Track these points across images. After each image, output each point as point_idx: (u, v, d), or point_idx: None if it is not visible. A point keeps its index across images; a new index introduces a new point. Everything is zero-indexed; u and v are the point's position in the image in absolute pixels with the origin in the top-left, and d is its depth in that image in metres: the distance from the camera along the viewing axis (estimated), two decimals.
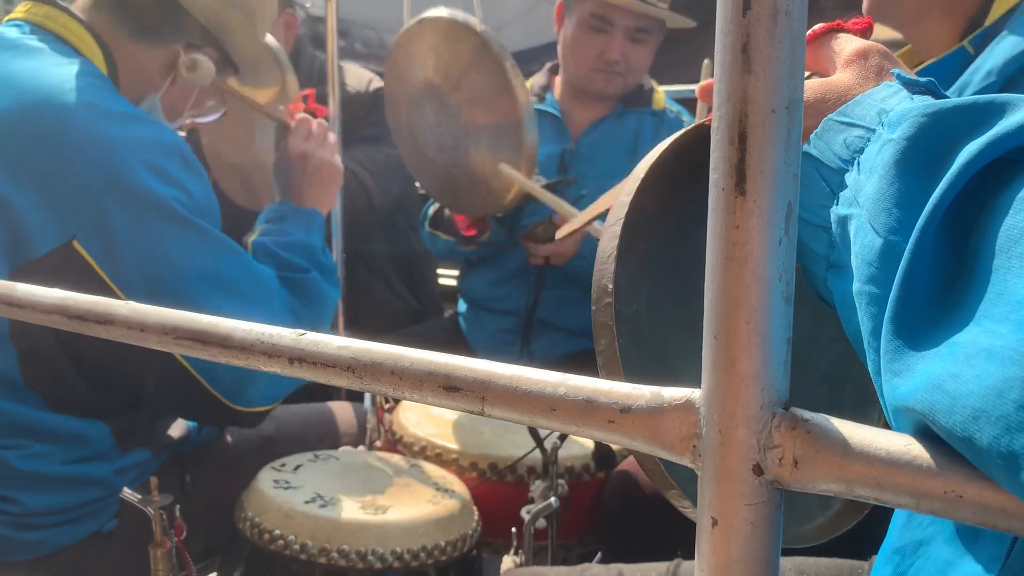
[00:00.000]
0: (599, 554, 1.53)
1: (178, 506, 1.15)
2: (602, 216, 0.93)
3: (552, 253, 1.94)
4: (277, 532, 1.26)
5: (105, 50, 1.33)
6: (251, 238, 1.47)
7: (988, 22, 1.04)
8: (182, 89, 1.46)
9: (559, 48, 2.13)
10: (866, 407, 0.71)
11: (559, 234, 1.09)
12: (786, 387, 0.40)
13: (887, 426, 0.61)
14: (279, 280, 1.40)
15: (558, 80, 2.20)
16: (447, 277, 2.83)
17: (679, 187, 0.63)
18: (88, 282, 1.19)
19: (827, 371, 0.70)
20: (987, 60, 0.99)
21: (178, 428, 1.49)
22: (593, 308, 0.58)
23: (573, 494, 1.41)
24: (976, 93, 0.96)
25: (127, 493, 1.13)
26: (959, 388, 0.37)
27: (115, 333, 0.64)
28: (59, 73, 1.26)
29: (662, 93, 2.19)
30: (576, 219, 0.99)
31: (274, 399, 1.39)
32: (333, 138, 1.59)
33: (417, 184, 2.48)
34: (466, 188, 1.87)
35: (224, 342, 0.57)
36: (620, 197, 0.60)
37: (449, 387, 0.48)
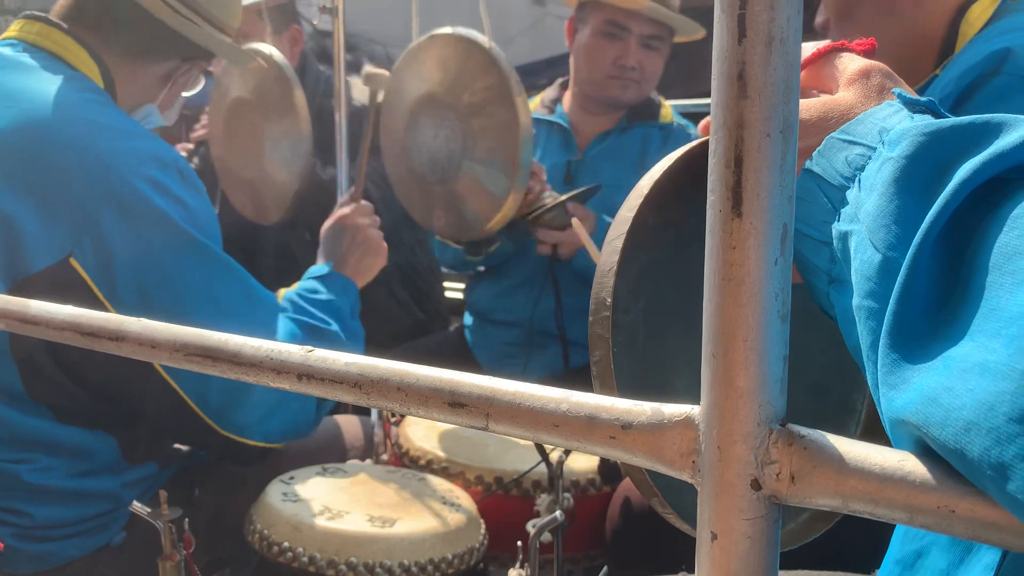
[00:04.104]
0: (604, 568, 1.53)
1: (187, 519, 1.16)
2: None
3: (560, 242, 1.93)
4: (286, 544, 1.26)
5: (100, 64, 1.35)
6: (285, 291, 1.50)
7: (956, 51, 1.08)
8: (178, 90, 1.49)
9: (572, 59, 2.16)
10: (844, 418, 0.72)
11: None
12: (783, 404, 0.41)
13: (863, 437, 0.62)
14: (297, 321, 1.42)
15: (568, 94, 2.23)
16: (453, 290, 2.84)
17: (680, 201, 0.64)
18: (82, 299, 1.19)
19: (811, 383, 0.71)
20: (944, 75, 1.02)
21: None
22: (590, 319, 0.59)
23: (579, 508, 1.41)
24: None
25: (137, 506, 1.14)
26: (952, 401, 0.38)
27: (127, 349, 0.65)
28: (56, 89, 1.28)
29: (669, 107, 2.22)
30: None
31: (268, 436, 1.38)
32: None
33: None
34: (451, 208, 1.87)
35: (234, 358, 0.58)
36: (623, 212, 0.61)
37: (454, 403, 0.49)
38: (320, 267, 1.58)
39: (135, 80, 1.40)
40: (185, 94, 1.55)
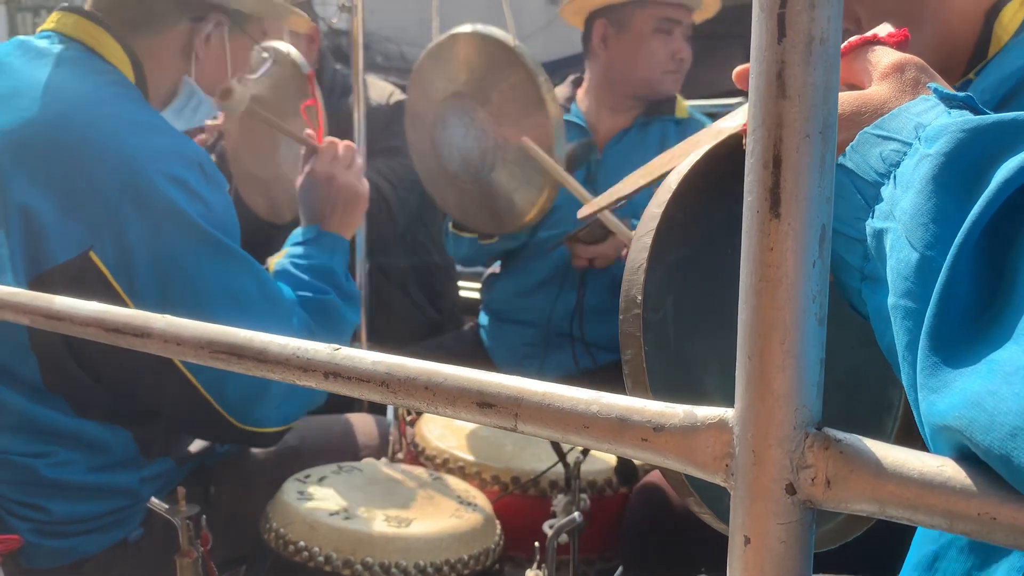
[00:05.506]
0: (620, 569, 1.53)
1: (204, 516, 1.16)
2: (625, 198, 0.92)
3: (596, 255, 1.95)
4: (302, 544, 1.27)
5: (132, 57, 1.35)
6: (275, 260, 1.48)
7: (990, 55, 1.06)
8: (213, 59, 1.44)
9: (604, 64, 2.15)
10: (881, 416, 0.71)
11: (580, 213, 1.07)
12: (819, 407, 0.41)
13: (901, 437, 0.61)
14: (298, 299, 1.41)
15: (581, 91, 2.23)
16: (468, 290, 2.84)
17: (709, 196, 0.64)
18: (101, 293, 1.19)
19: (842, 380, 0.70)
20: (982, 81, 1.01)
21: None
22: (621, 318, 0.59)
23: (595, 509, 1.41)
24: None
25: (155, 502, 1.15)
26: (997, 406, 0.37)
27: (152, 346, 0.65)
28: (84, 83, 1.28)
29: (684, 101, 2.21)
30: (600, 199, 0.99)
31: (286, 420, 1.38)
32: (360, 162, 1.60)
33: None
34: (486, 204, 1.87)
35: (260, 356, 0.58)
36: (651, 208, 0.61)
37: (483, 403, 0.49)
38: (305, 230, 1.53)
39: (158, 59, 1.38)
40: (250, 76, 1.51)
